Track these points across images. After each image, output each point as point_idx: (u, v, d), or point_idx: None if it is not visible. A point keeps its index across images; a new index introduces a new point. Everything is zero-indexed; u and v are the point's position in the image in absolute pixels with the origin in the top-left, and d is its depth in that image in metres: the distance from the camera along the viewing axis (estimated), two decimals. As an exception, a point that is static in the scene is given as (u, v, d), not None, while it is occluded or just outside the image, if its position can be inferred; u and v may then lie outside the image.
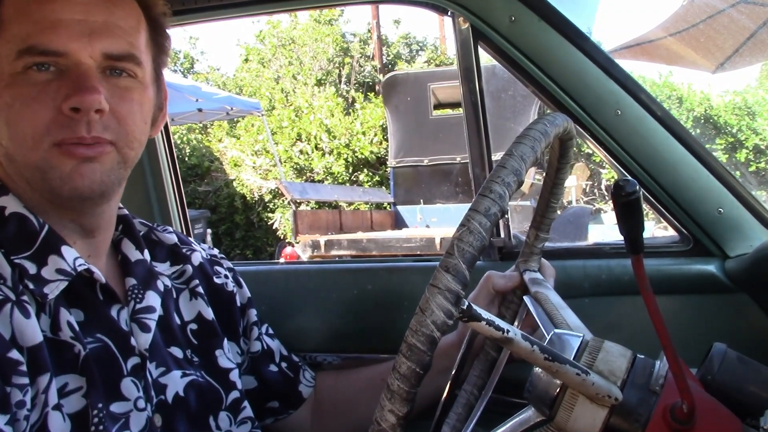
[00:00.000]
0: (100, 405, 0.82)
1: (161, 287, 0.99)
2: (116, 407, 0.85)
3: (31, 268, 0.84)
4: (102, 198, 0.89)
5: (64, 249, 0.87)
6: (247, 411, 1.05)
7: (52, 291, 0.84)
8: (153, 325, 0.94)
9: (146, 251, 1.01)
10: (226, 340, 1.09)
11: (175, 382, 0.95)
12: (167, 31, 0.99)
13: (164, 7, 0.96)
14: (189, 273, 1.09)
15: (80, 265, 0.87)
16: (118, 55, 0.86)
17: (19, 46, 0.82)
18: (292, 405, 1.19)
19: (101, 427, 0.81)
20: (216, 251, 1.21)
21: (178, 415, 0.94)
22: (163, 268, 1.06)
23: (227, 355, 1.07)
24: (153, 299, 0.96)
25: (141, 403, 0.88)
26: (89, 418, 0.81)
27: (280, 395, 1.18)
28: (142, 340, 0.91)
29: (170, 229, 1.13)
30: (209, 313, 1.07)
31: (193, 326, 1.05)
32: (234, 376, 1.06)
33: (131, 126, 0.88)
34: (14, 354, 0.76)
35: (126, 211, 1.03)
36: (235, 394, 1.04)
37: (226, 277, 1.16)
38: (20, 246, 0.84)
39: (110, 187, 0.88)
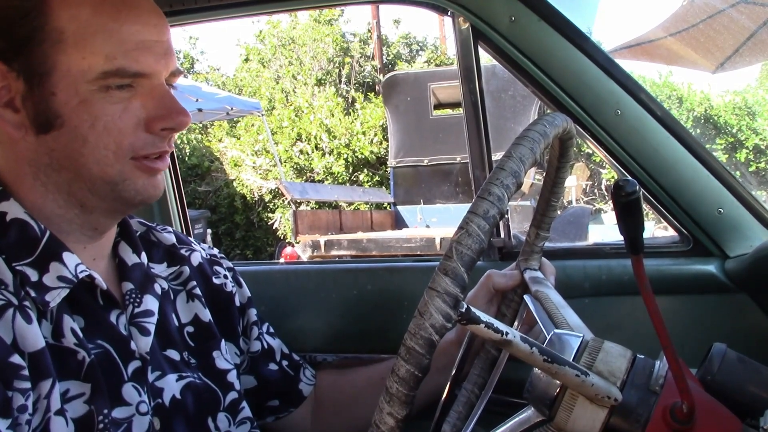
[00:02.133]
0: (105, 411, 0.82)
1: (158, 290, 0.99)
2: (118, 413, 0.85)
3: (33, 275, 0.83)
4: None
5: (66, 255, 0.86)
6: (246, 411, 1.05)
7: (54, 299, 0.83)
8: (152, 328, 0.94)
9: (143, 254, 1.01)
10: (223, 341, 1.09)
11: (171, 386, 0.95)
12: None
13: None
14: (186, 274, 1.09)
15: (82, 271, 0.87)
16: (176, 71, 0.91)
17: (105, 67, 0.82)
18: (292, 403, 1.19)
19: None
20: (216, 251, 1.21)
21: (176, 417, 0.94)
22: (160, 269, 1.05)
23: (225, 356, 1.07)
24: (151, 303, 0.96)
25: (143, 408, 0.88)
26: (94, 424, 0.81)
27: (281, 393, 1.18)
28: (142, 344, 0.91)
29: (170, 229, 1.13)
30: (206, 315, 1.07)
31: (190, 329, 1.05)
32: (232, 376, 1.06)
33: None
34: (16, 359, 0.76)
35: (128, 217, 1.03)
36: (233, 395, 1.04)
37: (225, 277, 1.16)
38: (21, 252, 0.84)
39: None
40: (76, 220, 0.89)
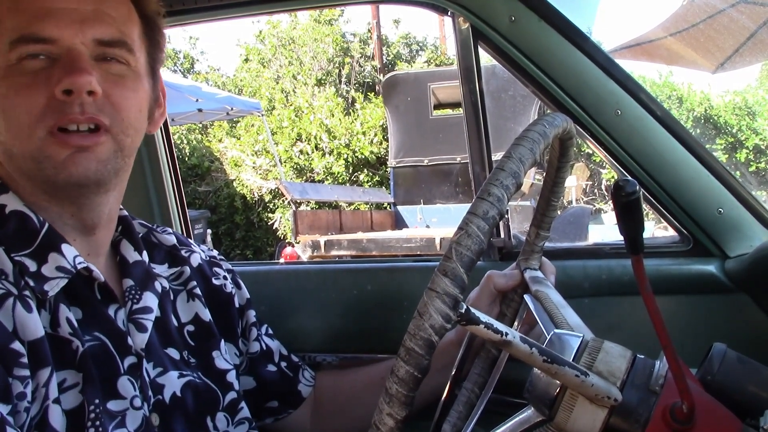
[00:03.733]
0: (97, 401, 0.82)
1: (159, 288, 0.99)
2: (113, 405, 0.86)
3: (32, 266, 0.84)
4: (98, 187, 0.89)
5: (64, 247, 0.87)
6: (245, 412, 1.06)
7: (53, 288, 0.84)
8: (150, 325, 0.94)
9: (144, 253, 1.01)
10: (223, 341, 1.09)
11: (172, 383, 0.96)
12: (164, 31, 1.00)
13: (158, 5, 0.98)
14: (187, 274, 1.09)
15: (80, 263, 0.87)
16: (109, 41, 0.88)
17: (12, 37, 0.83)
18: (291, 404, 1.19)
19: (98, 423, 0.81)
20: (215, 253, 1.21)
21: (176, 414, 0.94)
22: (161, 269, 1.06)
23: (224, 357, 1.07)
24: (150, 300, 0.96)
25: (137, 402, 0.88)
26: (86, 414, 0.81)
27: (280, 395, 1.18)
28: (139, 340, 0.92)
29: (169, 230, 1.13)
30: (206, 315, 1.08)
31: (190, 328, 1.05)
32: (231, 377, 1.06)
33: (126, 111, 0.88)
34: (17, 345, 0.77)
35: (126, 213, 1.03)
36: (232, 395, 1.04)
37: (225, 278, 1.16)
38: (20, 243, 0.85)
39: (106, 176, 0.88)
40: (56, 209, 0.89)
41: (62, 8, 0.85)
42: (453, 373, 1.03)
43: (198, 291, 1.09)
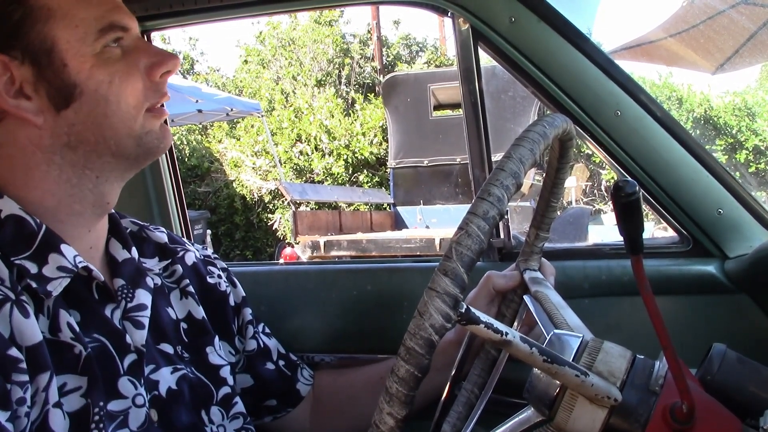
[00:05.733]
0: (101, 403, 0.83)
1: (150, 284, 0.99)
2: (114, 405, 0.86)
3: (32, 268, 0.84)
4: None
5: (64, 247, 0.87)
6: (239, 407, 1.06)
7: (55, 288, 0.84)
8: (146, 321, 0.94)
9: (134, 249, 1.01)
10: (217, 337, 1.09)
11: (166, 378, 0.96)
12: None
13: None
14: (180, 272, 1.09)
15: (80, 262, 0.88)
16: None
17: (98, 26, 0.87)
18: (290, 403, 1.19)
19: (101, 425, 0.82)
20: (210, 252, 1.21)
21: (174, 407, 0.95)
22: (152, 263, 1.06)
23: (218, 352, 1.07)
24: (143, 297, 0.97)
25: (139, 400, 0.89)
26: (90, 417, 0.81)
27: (278, 393, 1.18)
28: (137, 337, 0.92)
29: (162, 229, 1.13)
30: (199, 312, 1.08)
31: (183, 325, 1.06)
32: (225, 372, 1.06)
33: None
34: (14, 352, 0.76)
35: (112, 210, 1.03)
36: (225, 390, 1.05)
37: (219, 276, 1.17)
38: (19, 247, 0.85)
39: None
40: (90, 196, 0.92)
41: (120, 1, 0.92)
42: (453, 373, 1.03)
43: (191, 289, 1.09)
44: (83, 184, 0.90)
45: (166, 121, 0.98)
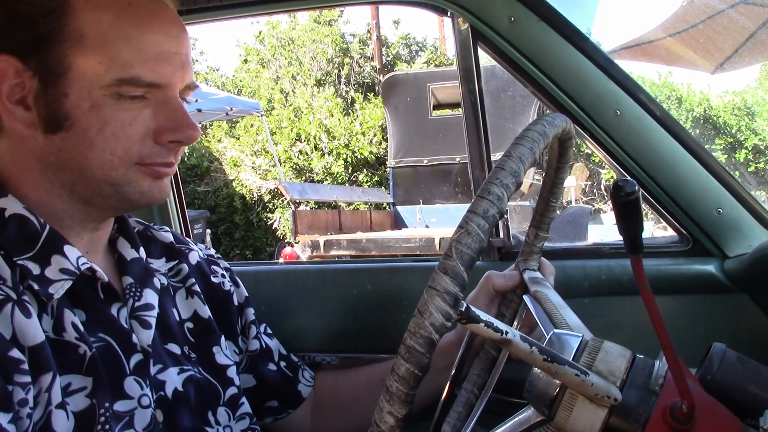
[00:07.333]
0: (107, 404, 0.82)
1: (158, 285, 0.99)
2: (120, 406, 0.85)
3: (35, 269, 0.83)
4: None
5: (67, 248, 0.87)
6: (246, 407, 1.06)
7: (57, 291, 0.84)
8: (153, 321, 0.94)
9: (142, 249, 1.01)
10: (223, 338, 1.09)
11: (173, 378, 0.96)
12: None
13: None
14: (185, 272, 1.09)
15: (83, 263, 0.87)
16: (192, 85, 0.91)
17: (120, 74, 0.82)
18: (291, 404, 1.19)
19: (107, 426, 0.81)
20: (213, 251, 1.21)
21: (179, 409, 0.94)
22: (159, 264, 1.06)
23: (224, 352, 1.07)
24: (151, 297, 0.96)
25: (145, 401, 0.88)
26: (95, 418, 0.81)
27: (279, 394, 1.18)
28: (144, 337, 0.92)
29: (167, 229, 1.13)
30: (205, 312, 1.08)
31: (190, 324, 1.05)
32: (231, 372, 1.06)
33: None
34: (15, 353, 0.76)
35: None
36: (232, 390, 1.05)
37: (222, 276, 1.17)
38: (22, 247, 0.84)
39: None
40: (79, 214, 0.90)
41: (171, 52, 0.85)
42: (452, 373, 1.03)
43: (197, 288, 1.09)
44: (73, 203, 0.89)
45: (165, 178, 0.92)
